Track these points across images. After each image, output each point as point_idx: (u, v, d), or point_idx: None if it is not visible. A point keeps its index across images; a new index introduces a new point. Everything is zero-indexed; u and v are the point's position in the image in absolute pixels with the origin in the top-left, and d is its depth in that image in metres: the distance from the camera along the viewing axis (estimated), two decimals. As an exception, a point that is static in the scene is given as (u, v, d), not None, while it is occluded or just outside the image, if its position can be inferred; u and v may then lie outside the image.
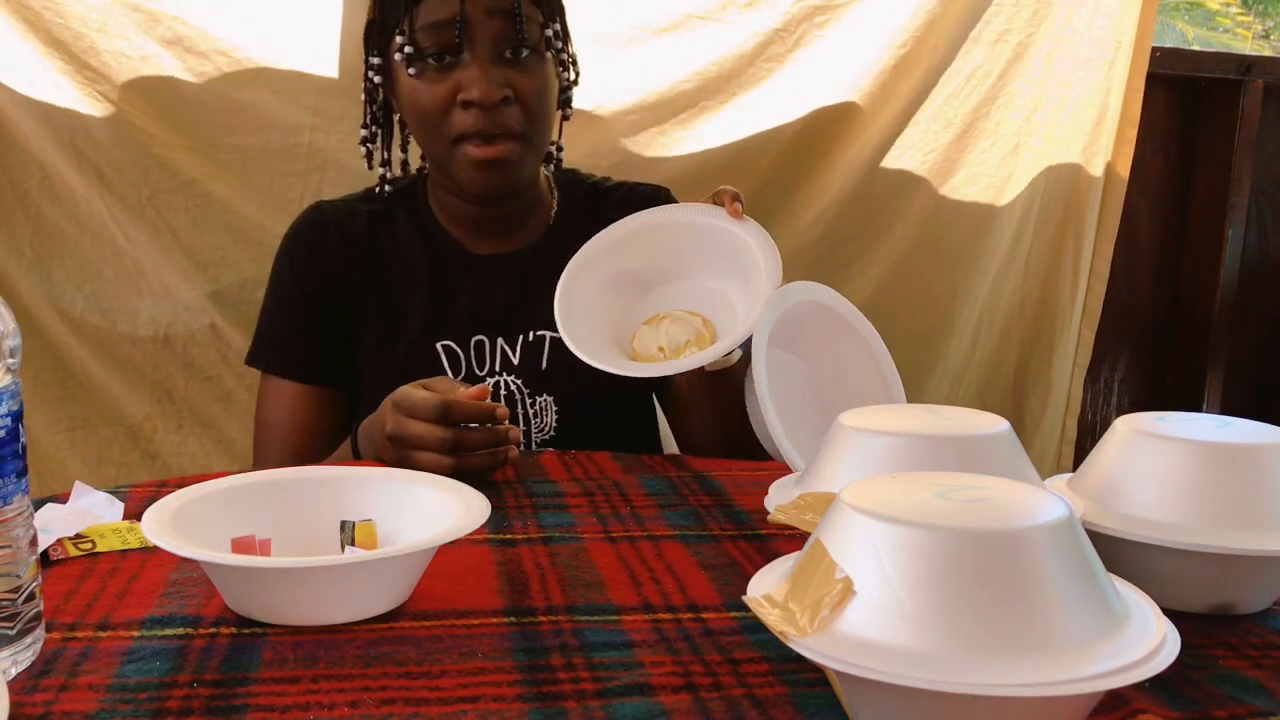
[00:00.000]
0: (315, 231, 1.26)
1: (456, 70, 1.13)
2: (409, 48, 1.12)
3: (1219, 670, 0.63)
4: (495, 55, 1.13)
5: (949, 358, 1.99)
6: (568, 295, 1.06)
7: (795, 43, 1.81)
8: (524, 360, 1.24)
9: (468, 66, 1.13)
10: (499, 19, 1.12)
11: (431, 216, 1.28)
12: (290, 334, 1.25)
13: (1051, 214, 2.00)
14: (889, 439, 0.69)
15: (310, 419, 1.24)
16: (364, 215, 1.27)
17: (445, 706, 0.57)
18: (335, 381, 1.26)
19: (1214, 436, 0.70)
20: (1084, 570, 0.52)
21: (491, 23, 1.12)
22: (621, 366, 1.01)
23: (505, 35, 1.12)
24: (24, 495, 0.59)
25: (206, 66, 1.57)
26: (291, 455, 1.22)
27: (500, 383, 1.23)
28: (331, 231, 1.25)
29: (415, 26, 1.12)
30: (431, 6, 1.11)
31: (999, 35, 1.88)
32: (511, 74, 1.14)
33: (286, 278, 1.26)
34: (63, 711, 0.56)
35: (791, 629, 0.52)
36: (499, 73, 1.13)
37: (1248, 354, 2.39)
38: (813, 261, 1.89)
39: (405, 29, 1.12)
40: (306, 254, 1.25)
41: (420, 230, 1.27)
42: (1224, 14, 3.49)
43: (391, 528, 0.75)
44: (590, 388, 1.15)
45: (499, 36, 1.13)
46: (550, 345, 1.24)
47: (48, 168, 1.52)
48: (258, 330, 1.28)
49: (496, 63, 1.13)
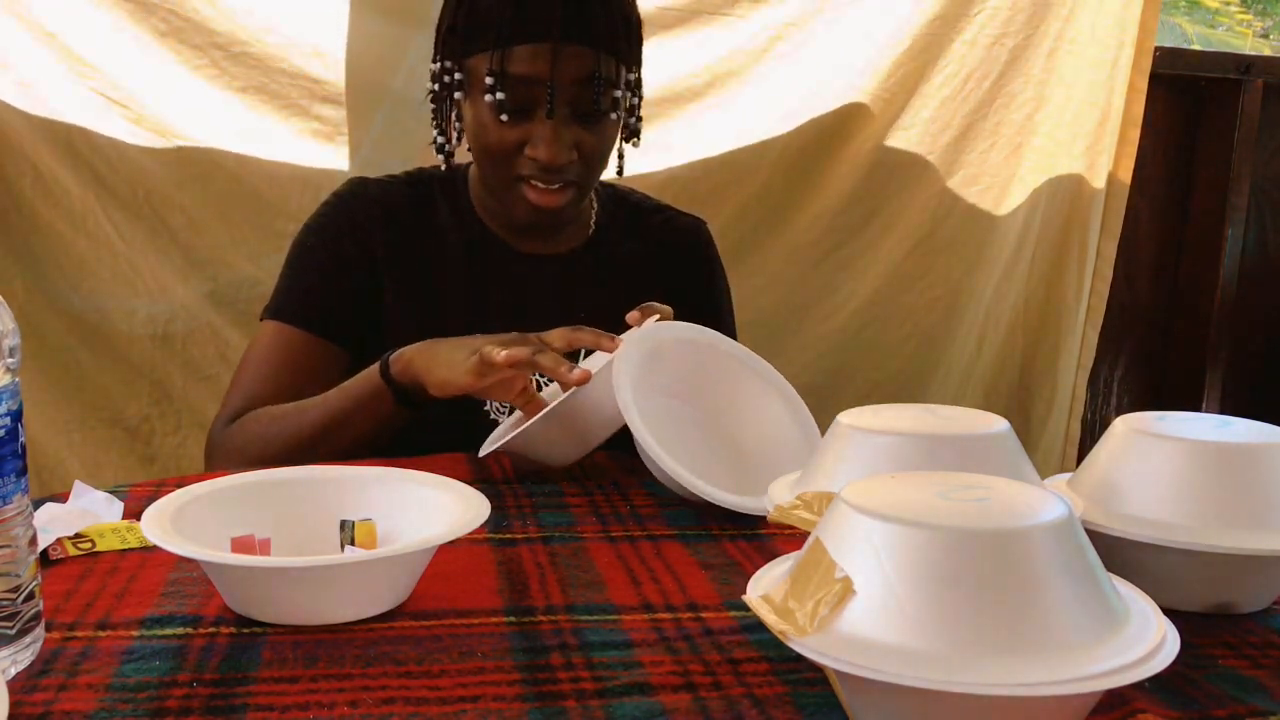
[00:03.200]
0: (358, 204, 1.24)
1: (531, 122, 1.14)
2: (501, 94, 1.13)
3: (1218, 670, 0.63)
4: (570, 116, 1.15)
5: (953, 358, 1.98)
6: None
7: (803, 40, 1.81)
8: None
9: (541, 123, 1.14)
10: (581, 86, 1.13)
11: (472, 210, 1.28)
12: (309, 287, 1.22)
13: (1056, 215, 2.00)
14: (889, 439, 0.69)
15: (305, 366, 1.20)
16: (406, 196, 1.27)
17: (445, 706, 0.57)
18: (341, 340, 1.22)
19: (1213, 436, 0.70)
20: (1084, 570, 0.52)
21: (574, 88, 1.13)
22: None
23: (583, 100, 1.14)
24: (23, 495, 0.59)
25: (202, 60, 1.56)
26: (273, 392, 1.17)
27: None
28: (374, 205, 1.24)
29: (507, 70, 1.12)
30: (522, 57, 1.12)
31: (995, 38, 1.88)
32: (581, 133, 1.16)
33: (317, 239, 1.24)
34: (62, 711, 0.56)
35: (791, 628, 0.52)
36: (570, 133, 1.15)
37: (1248, 354, 2.39)
38: (813, 261, 1.89)
39: (495, 67, 1.12)
40: (346, 223, 1.23)
41: (461, 221, 1.27)
42: (1224, 12, 3.49)
43: (391, 527, 0.75)
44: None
45: (576, 101, 1.14)
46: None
47: (41, 168, 1.52)
48: (275, 289, 1.25)
49: (570, 122, 1.15)
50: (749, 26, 1.79)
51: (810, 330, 1.89)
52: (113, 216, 1.56)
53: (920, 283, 1.94)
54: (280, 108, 1.61)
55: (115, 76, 1.54)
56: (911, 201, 1.91)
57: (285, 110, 1.61)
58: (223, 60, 1.57)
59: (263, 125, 1.61)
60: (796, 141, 1.83)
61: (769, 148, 1.82)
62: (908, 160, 1.90)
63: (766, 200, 1.85)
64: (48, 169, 1.52)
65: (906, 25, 1.83)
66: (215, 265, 1.62)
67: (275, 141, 1.62)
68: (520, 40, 1.11)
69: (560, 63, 1.11)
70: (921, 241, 1.92)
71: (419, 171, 1.30)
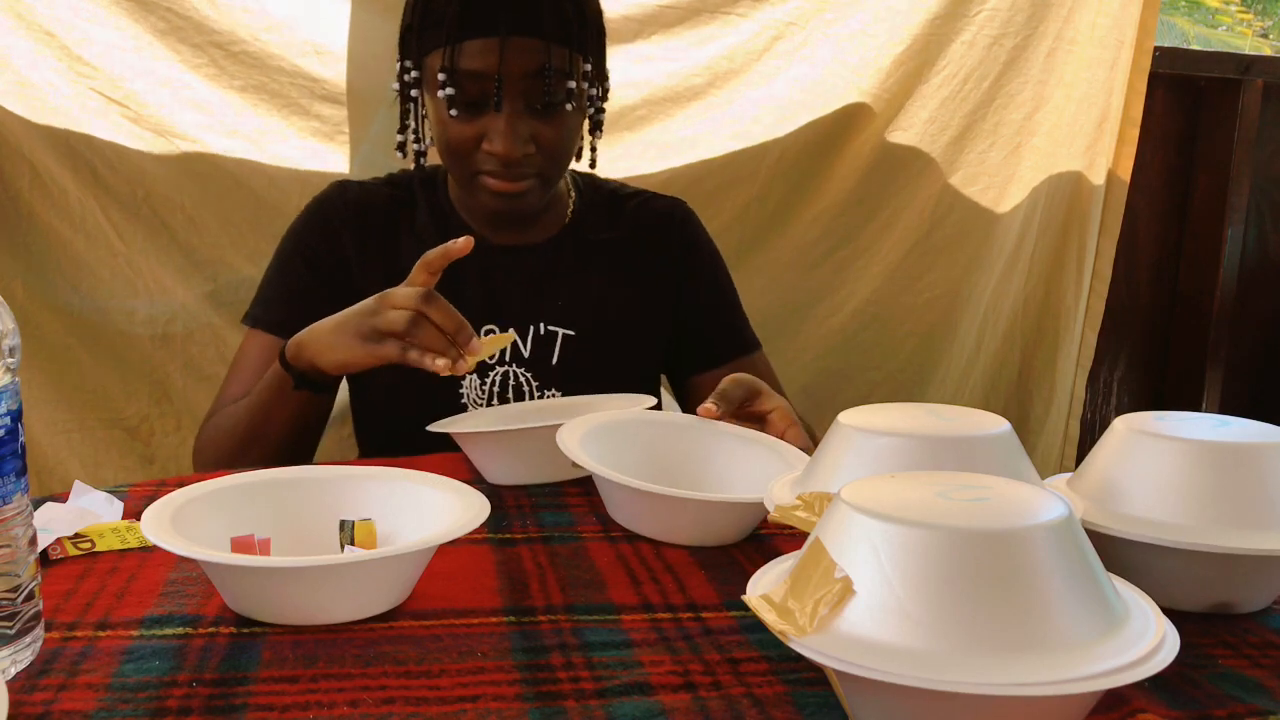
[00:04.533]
0: (332, 208, 1.27)
1: (486, 116, 1.15)
2: (451, 89, 1.14)
3: (1218, 669, 0.63)
4: (524, 108, 1.16)
5: (951, 359, 1.98)
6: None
7: (803, 40, 1.81)
8: (535, 353, 1.24)
9: (496, 117, 1.15)
10: (532, 78, 1.14)
11: (450, 205, 1.29)
12: (285, 294, 1.25)
13: (1055, 215, 2.00)
14: (888, 439, 0.69)
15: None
16: (385, 198, 1.29)
17: (444, 706, 0.57)
18: None
19: (1212, 436, 0.70)
20: (1083, 570, 0.52)
21: (524, 81, 1.14)
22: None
23: (535, 92, 1.15)
24: (23, 494, 0.59)
25: (201, 59, 1.56)
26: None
27: (509, 374, 1.23)
28: (348, 207, 1.26)
29: (457, 65, 1.13)
30: (472, 52, 1.13)
31: (994, 38, 1.88)
32: (538, 125, 1.16)
33: (292, 245, 1.27)
34: (62, 711, 0.56)
35: (791, 628, 0.52)
36: (526, 126, 1.15)
37: (1247, 353, 2.39)
38: (813, 261, 1.89)
39: (447, 63, 1.13)
40: (319, 228, 1.26)
41: (438, 218, 1.28)
42: (1224, 12, 3.49)
43: (391, 527, 0.75)
44: (599, 388, 1.17)
45: (529, 93, 1.15)
46: (562, 342, 1.24)
47: (39, 167, 1.52)
48: (255, 295, 1.28)
49: (524, 115, 1.16)
50: (750, 25, 1.79)
51: (810, 330, 1.90)
52: (112, 216, 1.56)
53: (920, 283, 1.94)
54: (280, 107, 1.61)
55: (114, 75, 1.54)
56: (911, 201, 1.91)
57: (285, 110, 1.61)
58: (222, 59, 1.57)
59: (262, 125, 1.61)
60: (796, 142, 1.83)
61: (769, 148, 1.82)
62: (907, 160, 1.90)
63: (766, 201, 1.85)
64: (46, 169, 1.52)
65: (906, 25, 1.83)
66: (215, 265, 1.62)
67: (275, 141, 1.62)
68: (469, 35, 1.12)
69: (509, 56, 1.12)
70: (921, 241, 1.92)
71: (403, 172, 1.32)
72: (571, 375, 1.24)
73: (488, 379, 1.23)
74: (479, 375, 1.22)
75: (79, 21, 1.51)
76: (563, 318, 1.25)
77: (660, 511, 0.82)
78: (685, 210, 1.37)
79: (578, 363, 1.25)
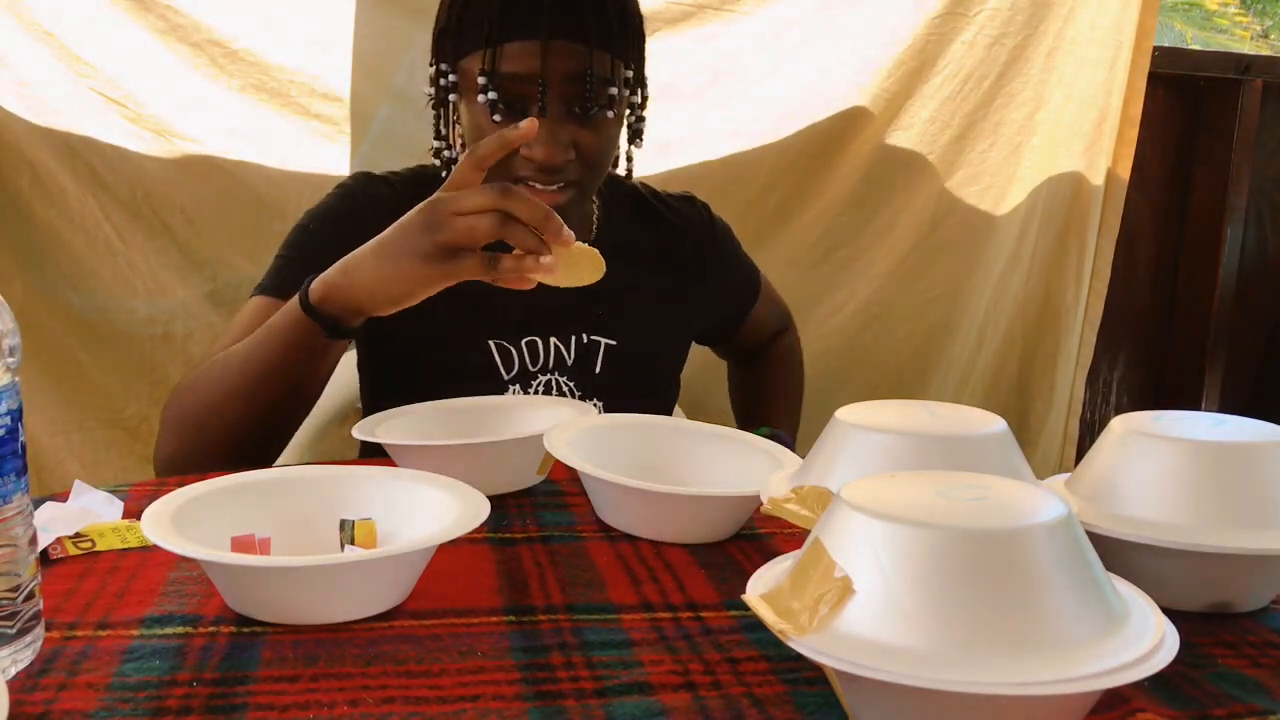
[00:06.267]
0: (362, 193, 1.23)
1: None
2: (492, 93, 1.11)
3: (1218, 669, 0.63)
4: (564, 113, 1.13)
5: (952, 358, 1.99)
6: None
7: (805, 39, 1.81)
8: (578, 362, 1.24)
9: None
10: (573, 83, 1.12)
11: None
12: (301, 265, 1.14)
13: (1055, 215, 2.01)
14: (886, 437, 0.69)
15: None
16: (413, 194, 1.25)
17: (445, 705, 0.57)
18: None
19: (1209, 435, 0.70)
20: (1083, 569, 0.52)
21: (565, 85, 1.11)
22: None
23: (576, 97, 1.12)
24: (23, 494, 0.59)
25: (200, 58, 1.56)
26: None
27: (553, 382, 1.22)
28: (379, 200, 1.21)
29: (497, 68, 1.11)
30: (513, 55, 1.10)
31: (994, 39, 1.88)
32: (578, 131, 1.14)
33: (318, 222, 1.21)
34: (62, 710, 0.56)
35: (790, 627, 0.52)
36: (566, 132, 1.13)
37: (1246, 353, 2.39)
38: (813, 262, 1.89)
39: (487, 66, 1.11)
40: (349, 210, 1.22)
41: None
42: (1222, 14, 3.49)
43: (391, 526, 0.75)
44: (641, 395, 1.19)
45: (569, 99, 1.12)
46: (604, 352, 1.24)
47: (39, 167, 1.52)
48: (268, 269, 1.21)
49: (565, 121, 1.13)
50: (751, 24, 1.79)
51: (810, 330, 1.90)
52: (111, 216, 1.56)
53: (920, 283, 1.94)
54: (280, 107, 1.61)
55: (114, 75, 1.54)
56: (911, 201, 1.91)
57: (285, 109, 1.61)
58: (221, 58, 1.57)
59: (262, 124, 1.61)
60: (796, 143, 1.83)
61: (769, 150, 1.83)
62: (907, 160, 1.90)
63: (767, 201, 1.85)
64: (46, 169, 1.52)
65: (906, 25, 1.83)
66: (215, 265, 1.62)
67: (274, 141, 1.62)
68: (510, 38, 1.10)
69: (551, 59, 1.10)
70: (921, 241, 1.93)
71: (423, 170, 1.28)
72: (615, 386, 1.24)
73: (530, 387, 1.21)
74: (521, 385, 1.21)
75: (79, 21, 1.51)
76: (604, 328, 1.24)
77: (656, 509, 0.82)
78: (702, 208, 1.38)
79: (623, 373, 1.24)
